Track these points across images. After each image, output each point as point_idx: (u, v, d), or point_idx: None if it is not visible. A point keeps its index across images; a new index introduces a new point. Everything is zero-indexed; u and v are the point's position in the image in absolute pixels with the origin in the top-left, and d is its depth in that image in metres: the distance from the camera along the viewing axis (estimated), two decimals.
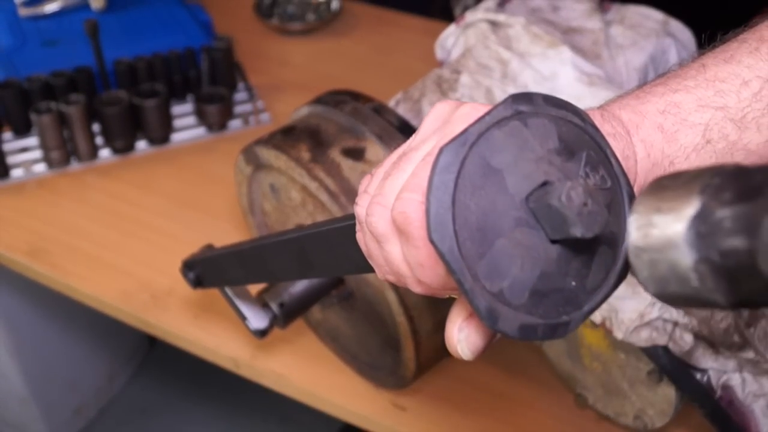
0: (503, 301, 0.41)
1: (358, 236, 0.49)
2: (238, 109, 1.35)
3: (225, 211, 1.19)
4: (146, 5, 1.45)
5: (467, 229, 0.41)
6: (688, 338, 0.81)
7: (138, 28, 1.40)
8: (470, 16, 1.10)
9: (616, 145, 0.46)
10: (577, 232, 0.39)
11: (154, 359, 2.04)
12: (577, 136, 0.44)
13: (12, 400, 1.69)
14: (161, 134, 1.28)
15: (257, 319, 0.89)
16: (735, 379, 0.83)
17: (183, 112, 1.34)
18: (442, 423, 0.96)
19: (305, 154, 0.86)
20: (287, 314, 0.90)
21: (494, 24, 1.08)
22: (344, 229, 0.53)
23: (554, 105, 0.44)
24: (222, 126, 1.31)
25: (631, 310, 0.80)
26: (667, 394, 0.85)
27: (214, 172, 1.26)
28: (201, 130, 1.32)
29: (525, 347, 0.99)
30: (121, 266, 1.13)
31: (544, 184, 0.42)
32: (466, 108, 0.45)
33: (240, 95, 1.38)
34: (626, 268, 0.44)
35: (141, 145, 1.29)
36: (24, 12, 1.39)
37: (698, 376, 0.83)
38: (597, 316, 0.82)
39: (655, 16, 1.14)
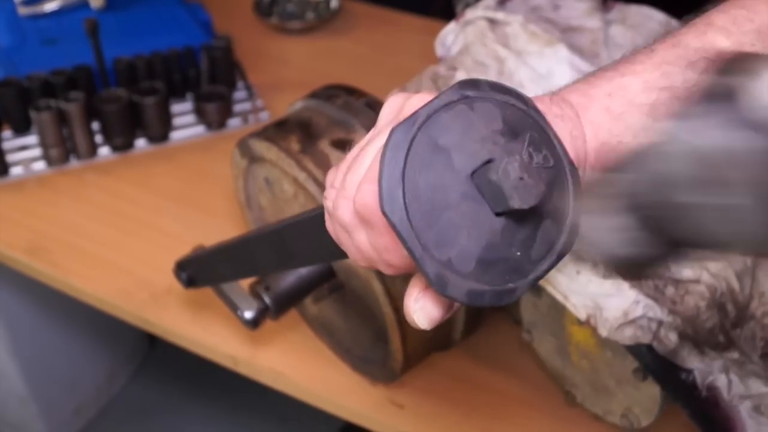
0: (452, 269, 0.44)
1: (328, 225, 0.53)
2: (238, 107, 1.35)
3: (224, 209, 1.19)
4: (146, 4, 1.45)
5: (417, 203, 0.44)
6: (673, 337, 0.80)
7: (137, 26, 1.41)
8: (470, 13, 1.10)
9: (565, 126, 0.49)
10: (515, 203, 0.43)
11: (154, 359, 2.04)
12: (521, 119, 0.47)
13: (12, 400, 1.69)
14: (160, 132, 1.28)
15: (249, 310, 0.90)
16: (721, 380, 0.82)
17: (182, 111, 1.34)
18: (439, 420, 0.96)
19: (295, 146, 0.87)
20: (279, 304, 0.91)
21: (493, 22, 1.08)
22: (316, 219, 0.57)
23: (499, 91, 0.47)
24: (221, 124, 1.32)
25: (615, 308, 0.80)
26: (652, 392, 0.84)
27: (213, 171, 1.26)
28: (200, 129, 1.32)
29: (521, 346, 0.99)
30: (120, 264, 1.13)
31: (489, 161, 0.45)
32: (415, 98, 0.49)
33: (239, 94, 1.38)
34: (571, 242, 0.48)
35: (140, 143, 1.29)
36: (23, 11, 1.40)
37: (683, 375, 0.82)
38: (582, 313, 0.82)
39: (657, 17, 1.14)
